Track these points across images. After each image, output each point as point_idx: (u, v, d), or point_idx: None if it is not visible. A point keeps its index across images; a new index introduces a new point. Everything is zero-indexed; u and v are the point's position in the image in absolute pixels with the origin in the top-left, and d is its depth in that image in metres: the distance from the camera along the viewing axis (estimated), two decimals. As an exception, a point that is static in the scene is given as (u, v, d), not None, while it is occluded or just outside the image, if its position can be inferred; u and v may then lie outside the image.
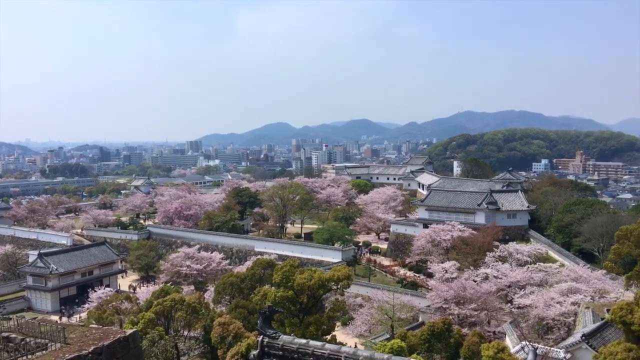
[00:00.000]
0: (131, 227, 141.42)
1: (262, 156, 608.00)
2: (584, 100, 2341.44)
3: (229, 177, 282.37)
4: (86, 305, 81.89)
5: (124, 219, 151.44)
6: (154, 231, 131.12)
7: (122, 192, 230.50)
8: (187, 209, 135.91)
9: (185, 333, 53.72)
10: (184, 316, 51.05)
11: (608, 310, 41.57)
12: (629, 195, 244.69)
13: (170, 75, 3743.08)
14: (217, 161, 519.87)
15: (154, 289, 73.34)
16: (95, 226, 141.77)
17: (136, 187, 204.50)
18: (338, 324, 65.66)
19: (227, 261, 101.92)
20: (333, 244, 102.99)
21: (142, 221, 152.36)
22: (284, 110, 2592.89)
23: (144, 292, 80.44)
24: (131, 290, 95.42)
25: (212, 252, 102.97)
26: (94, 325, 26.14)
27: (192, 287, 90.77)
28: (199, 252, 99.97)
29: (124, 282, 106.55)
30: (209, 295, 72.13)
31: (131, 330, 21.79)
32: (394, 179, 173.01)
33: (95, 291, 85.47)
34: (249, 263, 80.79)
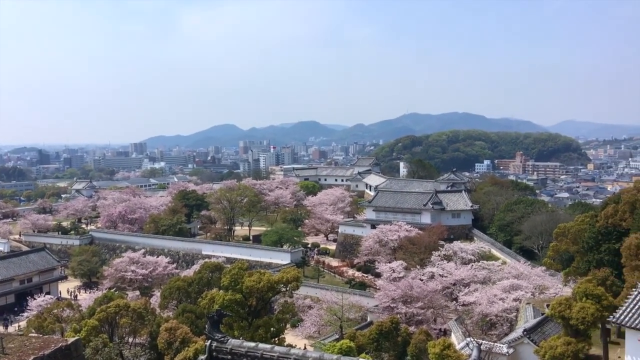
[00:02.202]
0: (72, 232, 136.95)
1: (209, 158, 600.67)
2: (523, 103, 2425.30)
3: (175, 179, 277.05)
4: (25, 314, 78.65)
5: (64, 223, 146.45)
6: (96, 236, 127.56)
7: (63, 196, 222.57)
8: (131, 212, 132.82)
9: (131, 340, 52.37)
10: (129, 322, 49.79)
11: (548, 306, 43.17)
12: (565, 195, 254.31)
13: (112, 75, 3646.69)
14: (162, 163, 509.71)
15: (97, 295, 71.38)
16: (34, 231, 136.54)
17: (77, 190, 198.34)
18: (287, 326, 65.62)
19: (174, 265, 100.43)
20: (282, 246, 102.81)
21: (84, 226, 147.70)
22: (231, 112, 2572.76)
23: (87, 299, 78.31)
24: (73, 297, 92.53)
25: (158, 257, 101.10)
26: (33, 334, 25.20)
27: (138, 293, 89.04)
28: (145, 257, 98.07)
29: (65, 289, 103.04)
30: (155, 300, 70.79)
31: (73, 339, 21.10)
32: (342, 180, 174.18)
33: (34, 299, 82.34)
34: (196, 267, 79.65)
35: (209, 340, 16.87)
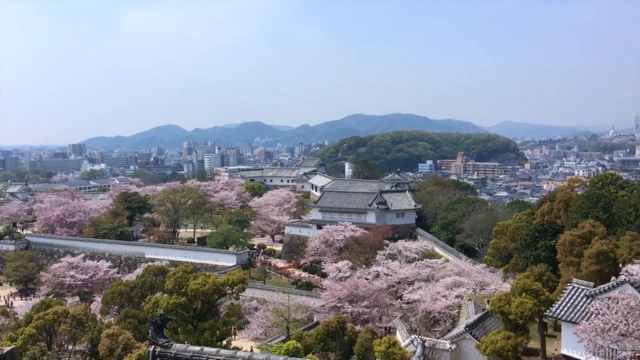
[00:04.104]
0: (7, 236, 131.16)
1: (151, 159, 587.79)
2: (464, 105, 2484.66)
3: (117, 181, 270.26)
4: (-45, 324, 75.07)
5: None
6: (33, 240, 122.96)
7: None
8: (70, 216, 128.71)
9: (70, 347, 50.82)
10: (69, 329, 48.31)
11: (488, 301, 44.47)
12: (504, 193, 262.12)
13: (48, 74, 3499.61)
14: (103, 165, 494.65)
15: (34, 302, 68.92)
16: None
17: (12, 194, 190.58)
18: (234, 328, 65.04)
19: (116, 269, 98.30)
20: (227, 248, 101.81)
21: (19, 230, 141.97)
22: (174, 112, 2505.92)
23: (23, 306, 75.63)
24: (8, 305, 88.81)
25: (98, 261, 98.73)
26: (-36, 346, 24.05)
27: (77, 299, 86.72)
28: (84, 261, 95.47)
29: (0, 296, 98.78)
30: (96, 306, 69.05)
31: (9, 348, 20.25)
32: (288, 181, 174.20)
33: (-34, 308, 78.63)
34: (139, 271, 78.20)
35: (153, 346, 16.53)
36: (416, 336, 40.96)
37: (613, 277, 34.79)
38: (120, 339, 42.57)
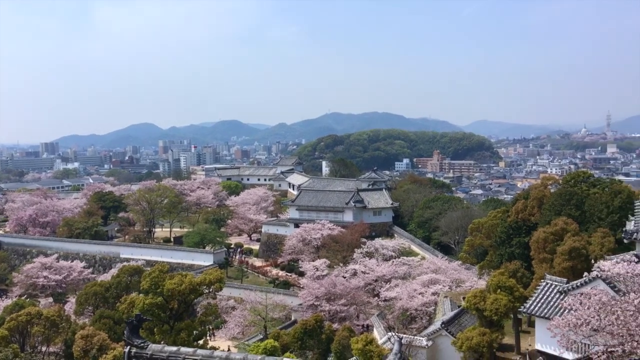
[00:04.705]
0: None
1: (126, 158, 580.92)
2: (439, 103, 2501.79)
3: (91, 180, 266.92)
4: None
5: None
6: (4, 241, 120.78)
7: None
8: (43, 215, 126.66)
9: (44, 349, 50.04)
10: (42, 331, 47.55)
11: (464, 298, 44.96)
12: (479, 191, 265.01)
13: (19, 71, 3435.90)
14: (76, 164, 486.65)
15: (7, 303, 67.75)
16: None
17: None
18: (211, 327, 64.71)
19: (90, 270, 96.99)
20: (204, 247, 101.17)
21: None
22: (150, 110, 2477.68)
23: (-5, 308, 74.04)
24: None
25: (72, 261, 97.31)
26: None
27: (51, 300, 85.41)
28: (58, 262, 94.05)
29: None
30: (70, 307, 68.17)
31: (-21, 351, 19.90)
32: (265, 179, 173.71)
33: None
34: (114, 271, 77.35)
35: (128, 346, 16.38)
36: (393, 333, 41.24)
37: (585, 273, 35.32)
38: (95, 340, 42.05)
